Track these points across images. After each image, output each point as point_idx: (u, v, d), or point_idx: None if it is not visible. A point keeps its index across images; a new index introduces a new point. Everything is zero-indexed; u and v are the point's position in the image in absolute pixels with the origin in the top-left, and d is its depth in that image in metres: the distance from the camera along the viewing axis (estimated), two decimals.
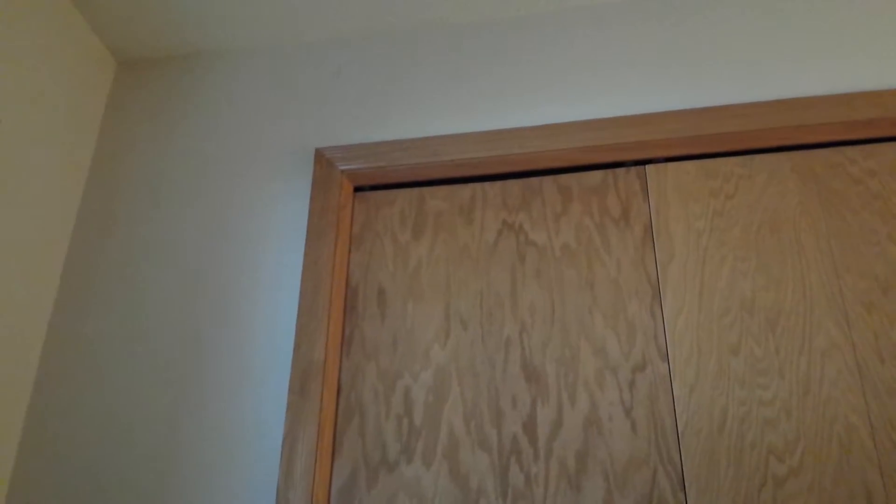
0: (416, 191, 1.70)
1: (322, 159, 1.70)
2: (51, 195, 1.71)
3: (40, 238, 1.66)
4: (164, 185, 1.79)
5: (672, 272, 1.49)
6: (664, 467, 1.34)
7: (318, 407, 1.44)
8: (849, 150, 1.55)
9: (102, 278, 1.70)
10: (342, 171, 1.68)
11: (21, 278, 1.60)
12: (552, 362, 1.47)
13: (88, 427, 1.54)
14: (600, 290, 1.51)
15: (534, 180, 1.66)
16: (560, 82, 1.73)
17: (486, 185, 1.68)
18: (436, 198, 1.68)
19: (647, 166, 1.62)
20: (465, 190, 1.68)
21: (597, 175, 1.64)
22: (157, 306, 1.64)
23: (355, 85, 1.83)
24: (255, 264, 1.64)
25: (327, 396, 1.47)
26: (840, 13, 1.66)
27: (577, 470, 1.37)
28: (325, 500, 1.41)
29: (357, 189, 1.73)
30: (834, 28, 1.65)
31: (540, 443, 1.40)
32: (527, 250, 1.58)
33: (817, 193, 1.52)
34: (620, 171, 1.63)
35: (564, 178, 1.65)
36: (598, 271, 1.53)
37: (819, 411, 1.34)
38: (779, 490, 1.29)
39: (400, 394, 1.50)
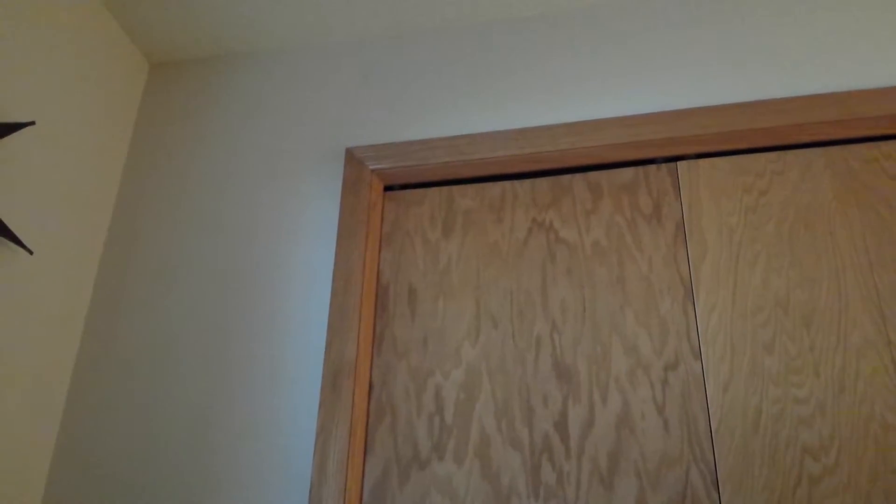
0: (445, 189, 1.71)
1: (352, 159, 1.71)
2: (85, 196, 1.73)
3: (76, 237, 1.69)
4: (196, 185, 1.81)
5: (705, 269, 1.49)
6: (698, 466, 1.33)
7: (350, 405, 1.45)
8: (884, 145, 1.53)
9: (136, 278, 1.72)
10: (372, 171, 1.69)
11: (56, 279, 1.62)
12: (583, 360, 1.46)
13: (122, 427, 1.56)
14: (632, 288, 1.51)
15: (563, 178, 1.66)
16: (589, 79, 1.72)
17: (516, 183, 1.67)
18: (465, 196, 1.68)
19: (678, 163, 1.61)
20: (495, 188, 1.68)
21: (627, 172, 1.63)
22: (190, 307, 1.66)
23: (384, 84, 1.84)
24: (286, 264, 1.66)
25: (359, 394, 1.48)
26: (873, 6, 1.64)
27: (610, 468, 1.36)
28: (358, 497, 1.42)
29: (387, 188, 1.74)
30: (867, 21, 1.63)
31: (572, 441, 1.40)
32: (557, 248, 1.58)
33: (852, 189, 1.50)
34: (651, 168, 1.62)
35: (594, 176, 1.64)
36: (630, 269, 1.53)
37: (854, 410, 1.32)
38: (814, 489, 1.28)
39: (431, 392, 1.50)
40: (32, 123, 1.50)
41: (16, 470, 1.47)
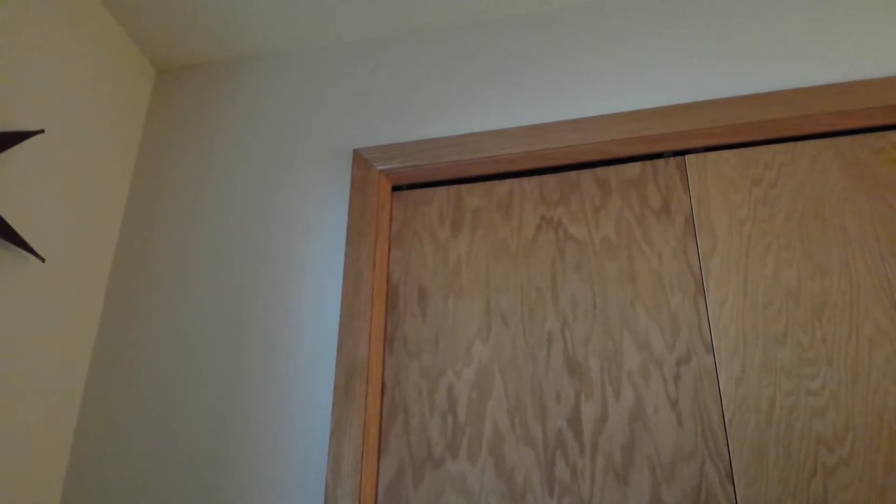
0: (453, 188, 1.71)
1: (360, 160, 1.72)
2: (95, 203, 1.74)
3: (87, 244, 1.70)
4: (206, 190, 1.82)
5: (715, 263, 1.48)
6: (712, 459, 1.33)
7: (363, 405, 1.45)
8: (892, 134, 1.53)
9: (148, 283, 1.73)
10: (380, 171, 1.69)
11: (68, 286, 1.63)
12: (595, 356, 1.46)
13: (137, 431, 1.57)
14: (642, 283, 1.51)
15: (571, 174, 1.66)
16: (595, 75, 1.72)
17: (524, 180, 1.68)
18: (473, 195, 1.69)
19: (686, 156, 1.61)
20: (503, 186, 1.68)
21: (635, 167, 1.63)
22: (202, 310, 1.66)
23: (391, 85, 1.84)
24: (296, 267, 1.66)
25: (372, 395, 1.48)
26: None
27: (624, 463, 1.36)
28: (373, 497, 1.43)
29: (395, 188, 1.74)
30: (873, 10, 1.62)
31: (585, 437, 1.40)
32: (566, 245, 1.58)
33: (861, 179, 1.50)
34: (659, 162, 1.62)
35: (602, 172, 1.64)
36: (640, 264, 1.52)
37: (868, 400, 1.32)
38: (829, 480, 1.28)
39: (443, 391, 1.50)
40: (42, 132, 1.50)
41: (32, 477, 1.48)
